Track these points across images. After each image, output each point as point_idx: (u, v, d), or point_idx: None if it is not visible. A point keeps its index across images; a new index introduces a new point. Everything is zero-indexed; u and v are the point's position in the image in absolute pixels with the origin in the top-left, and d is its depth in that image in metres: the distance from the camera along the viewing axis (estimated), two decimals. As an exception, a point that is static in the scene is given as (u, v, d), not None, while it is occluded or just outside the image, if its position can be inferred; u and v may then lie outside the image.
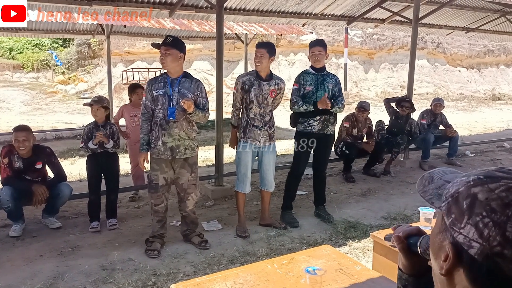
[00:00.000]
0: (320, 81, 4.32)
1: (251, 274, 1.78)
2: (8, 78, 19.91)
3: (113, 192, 4.42)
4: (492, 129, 11.95)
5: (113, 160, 4.40)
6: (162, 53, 3.53)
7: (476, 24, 9.55)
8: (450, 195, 0.69)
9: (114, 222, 4.33)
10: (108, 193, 4.40)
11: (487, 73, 21.31)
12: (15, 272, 3.36)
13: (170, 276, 3.23)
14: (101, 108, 4.30)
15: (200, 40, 12.33)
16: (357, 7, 7.87)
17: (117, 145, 4.37)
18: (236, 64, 18.40)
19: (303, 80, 4.34)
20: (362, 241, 3.91)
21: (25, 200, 4.05)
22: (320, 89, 4.30)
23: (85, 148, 4.28)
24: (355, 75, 19.00)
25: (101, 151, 4.27)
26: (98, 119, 4.33)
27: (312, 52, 4.30)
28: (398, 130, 6.58)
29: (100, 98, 4.44)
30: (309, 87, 4.30)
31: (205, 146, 8.37)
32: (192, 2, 6.63)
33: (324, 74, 4.36)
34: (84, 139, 4.30)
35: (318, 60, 4.29)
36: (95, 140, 4.21)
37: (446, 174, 0.80)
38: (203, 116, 3.63)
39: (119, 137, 4.44)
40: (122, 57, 19.50)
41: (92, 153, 4.29)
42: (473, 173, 0.69)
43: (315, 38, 4.45)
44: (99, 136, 4.18)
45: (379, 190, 5.67)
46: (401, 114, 6.63)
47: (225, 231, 4.20)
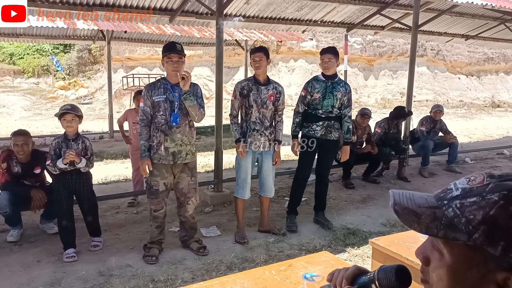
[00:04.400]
0: (329, 89, 4.31)
1: (249, 281, 1.77)
2: (9, 84, 19.94)
3: (90, 213, 3.89)
4: (491, 136, 11.95)
5: (85, 178, 3.82)
6: (174, 60, 3.52)
7: (476, 31, 9.59)
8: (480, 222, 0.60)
9: (97, 242, 3.87)
10: (84, 216, 3.92)
11: (486, 80, 21.36)
12: (12, 277, 3.34)
13: (168, 282, 3.21)
14: (75, 118, 3.69)
15: (200, 46, 12.39)
16: (356, 14, 7.90)
17: (91, 164, 3.80)
18: (237, 70, 18.44)
19: (311, 88, 4.34)
20: (361, 248, 3.89)
21: (23, 205, 4.03)
22: (327, 97, 4.30)
23: (52, 166, 3.63)
24: (355, 82, 19.03)
25: (71, 169, 3.69)
26: (71, 131, 3.72)
27: (322, 59, 4.32)
28: (392, 138, 6.58)
29: (73, 106, 3.81)
30: (317, 94, 4.30)
31: (205, 152, 8.36)
32: (193, 8, 6.67)
33: (334, 82, 4.36)
34: (52, 155, 3.66)
35: (328, 68, 4.30)
36: (65, 160, 3.58)
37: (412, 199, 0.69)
38: (198, 107, 3.60)
39: (93, 153, 3.85)
40: (123, 63, 19.55)
41: (59, 172, 3.68)
42: (487, 190, 0.62)
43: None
44: (70, 155, 3.55)
45: (379, 196, 5.66)
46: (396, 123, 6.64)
47: (224, 237, 4.18)
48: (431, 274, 0.69)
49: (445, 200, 0.66)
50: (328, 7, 7.36)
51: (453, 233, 0.62)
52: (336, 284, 0.85)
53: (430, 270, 0.69)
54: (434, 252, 0.69)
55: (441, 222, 0.64)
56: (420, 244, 0.74)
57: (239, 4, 6.81)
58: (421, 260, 0.72)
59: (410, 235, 2.31)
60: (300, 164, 4.48)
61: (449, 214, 0.63)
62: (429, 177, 6.67)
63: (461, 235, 0.62)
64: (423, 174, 6.77)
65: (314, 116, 4.33)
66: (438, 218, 0.64)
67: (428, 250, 0.70)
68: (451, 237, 0.63)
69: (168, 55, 3.53)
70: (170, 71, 3.58)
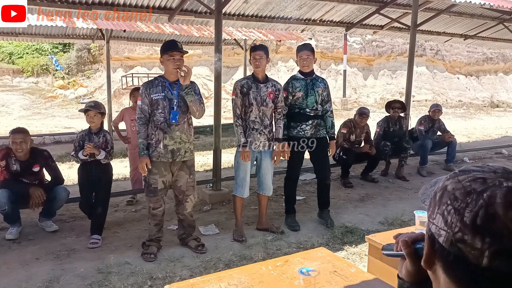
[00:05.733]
0: (310, 86, 4.32)
1: (245, 276, 1.78)
2: (8, 83, 19.95)
3: (101, 205, 4.10)
4: (490, 136, 11.96)
5: (105, 171, 4.19)
6: (177, 58, 3.54)
7: (474, 31, 9.60)
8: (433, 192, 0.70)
9: (96, 239, 3.93)
10: (96, 206, 4.11)
11: (485, 80, 21.36)
12: (11, 275, 3.34)
13: (166, 279, 3.22)
14: (98, 114, 4.12)
15: (199, 45, 12.38)
16: (355, 14, 7.91)
17: (110, 156, 4.15)
18: (236, 70, 18.44)
19: (292, 87, 4.32)
20: (359, 246, 3.90)
21: (22, 203, 4.04)
22: (310, 94, 4.30)
23: (75, 157, 4.11)
24: (354, 81, 19.04)
25: (92, 160, 4.07)
26: (94, 126, 4.15)
27: (300, 56, 4.31)
28: (394, 135, 6.59)
29: (97, 103, 4.23)
30: (299, 93, 4.29)
31: (203, 151, 8.36)
32: (191, 7, 6.67)
33: (313, 79, 4.37)
34: (76, 147, 4.13)
35: (307, 65, 4.30)
36: (84, 151, 4.00)
37: None
38: (199, 102, 3.62)
39: (113, 146, 4.21)
40: (122, 62, 19.55)
41: (83, 162, 4.12)
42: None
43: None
44: (88, 148, 3.96)
45: (377, 195, 5.67)
46: (392, 116, 6.61)
47: (222, 235, 4.19)
48: None
49: None
50: (327, 6, 7.37)
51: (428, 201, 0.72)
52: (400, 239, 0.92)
53: None
54: None
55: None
56: None
57: (238, 3, 6.82)
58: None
59: (406, 231, 2.32)
60: (291, 164, 4.45)
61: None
62: (427, 176, 6.68)
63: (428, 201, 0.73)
64: (421, 173, 6.79)
65: (302, 115, 4.31)
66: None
67: None
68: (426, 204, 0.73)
69: (170, 53, 3.54)
70: (171, 68, 3.58)
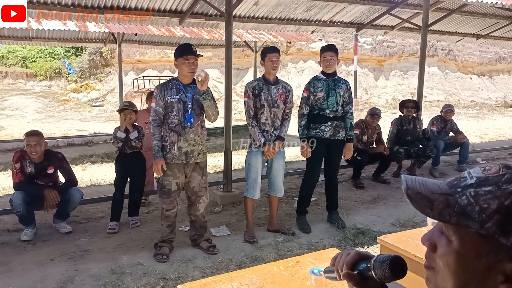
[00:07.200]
0: (332, 87, 4.32)
1: (257, 276, 1.79)
2: (22, 86, 20.23)
3: (137, 191, 4.62)
4: (504, 136, 11.83)
5: (140, 161, 4.66)
6: (191, 62, 3.59)
7: (487, 30, 9.49)
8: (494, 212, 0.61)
9: (135, 220, 4.54)
10: (132, 192, 4.58)
11: (498, 80, 21.10)
12: (26, 275, 3.40)
13: (179, 280, 3.24)
14: (132, 112, 4.54)
15: (210, 48, 12.44)
16: (366, 14, 7.89)
17: (140, 140, 4.57)
18: (246, 72, 18.48)
19: (314, 87, 4.33)
20: (371, 248, 3.89)
21: (37, 205, 4.11)
22: (331, 95, 4.29)
23: (115, 139, 4.52)
24: (365, 82, 18.96)
25: (130, 152, 4.51)
26: (129, 123, 4.54)
27: (323, 57, 4.31)
28: (408, 135, 6.55)
29: (130, 103, 4.78)
30: (320, 93, 4.29)
31: (214, 153, 8.40)
32: (202, 10, 6.72)
33: (335, 80, 4.36)
34: (115, 133, 4.56)
35: (330, 66, 4.29)
36: (121, 127, 4.52)
37: (425, 185, 0.70)
38: (215, 107, 3.67)
39: (144, 134, 4.62)
40: (133, 65, 19.71)
41: (121, 153, 4.54)
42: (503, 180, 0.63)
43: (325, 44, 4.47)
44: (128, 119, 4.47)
45: (389, 196, 5.64)
46: (406, 115, 6.58)
47: (233, 237, 4.21)
48: (437, 261, 0.70)
49: (458, 187, 0.66)
50: (337, 7, 7.36)
51: (466, 221, 0.62)
52: (338, 268, 0.87)
53: (437, 257, 0.70)
54: (442, 238, 0.69)
55: (453, 209, 0.64)
56: None
57: (248, 6, 6.85)
58: (428, 246, 0.72)
59: (418, 232, 2.31)
60: (310, 167, 4.47)
61: (462, 201, 0.63)
62: (440, 177, 6.63)
63: (474, 223, 0.62)
64: (434, 174, 6.74)
65: (321, 116, 4.32)
66: (451, 205, 0.64)
67: (435, 236, 0.71)
68: (464, 224, 0.63)
69: (186, 57, 3.58)
70: (186, 72, 3.62)
